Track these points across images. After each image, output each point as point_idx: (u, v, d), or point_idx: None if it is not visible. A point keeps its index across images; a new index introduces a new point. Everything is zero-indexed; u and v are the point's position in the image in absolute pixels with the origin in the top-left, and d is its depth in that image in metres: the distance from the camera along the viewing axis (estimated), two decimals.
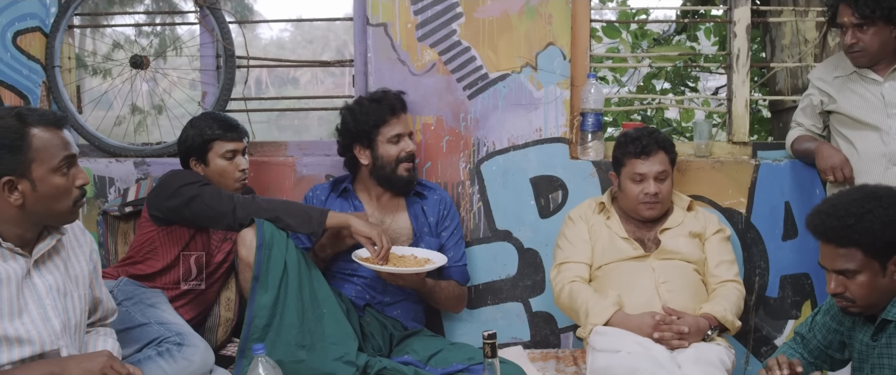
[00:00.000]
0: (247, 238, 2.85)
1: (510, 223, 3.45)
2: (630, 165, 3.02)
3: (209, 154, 3.03)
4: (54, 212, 2.16)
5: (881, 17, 2.93)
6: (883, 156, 2.96)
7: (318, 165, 3.51)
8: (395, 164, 3.13)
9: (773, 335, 3.46)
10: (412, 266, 2.94)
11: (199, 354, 2.67)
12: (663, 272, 2.96)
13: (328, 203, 3.20)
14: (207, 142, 3.03)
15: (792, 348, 2.53)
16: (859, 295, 2.20)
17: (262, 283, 2.79)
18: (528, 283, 3.45)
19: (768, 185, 3.40)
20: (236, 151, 3.06)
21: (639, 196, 3.01)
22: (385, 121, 3.11)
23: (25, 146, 2.07)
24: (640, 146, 3.01)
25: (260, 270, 2.79)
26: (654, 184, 3.00)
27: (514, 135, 3.42)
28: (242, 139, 3.09)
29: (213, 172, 3.04)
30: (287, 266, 2.82)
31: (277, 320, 2.78)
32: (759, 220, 3.41)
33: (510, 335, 3.46)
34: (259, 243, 2.80)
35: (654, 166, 3.00)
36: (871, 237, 2.13)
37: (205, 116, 3.11)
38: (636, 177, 3.01)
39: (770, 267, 3.43)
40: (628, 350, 2.69)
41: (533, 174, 3.43)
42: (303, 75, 20.92)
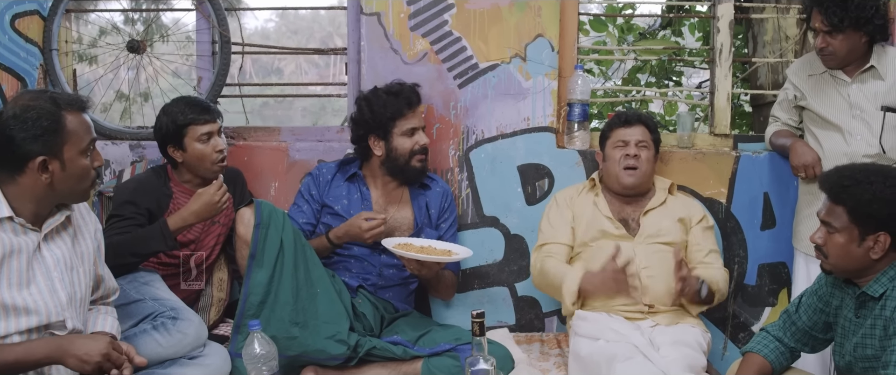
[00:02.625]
0: (245, 216, 2.92)
1: (498, 209, 3.52)
2: (614, 134, 3.18)
3: (185, 139, 3.04)
4: (76, 191, 2.26)
5: (850, 25, 2.99)
6: (845, 156, 3.00)
7: (310, 150, 3.57)
8: (409, 157, 3.18)
9: (751, 321, 3.56)
10: (441, 255, 2.99)
11: (193, 328, 2.73)
12: (644, 257, 3.05)
13: (333, 184, 3.25)
14: (182, 128, 3.03)
15: (779, 327, 2.62)
16: (832, 253, 2.35)
17: (259, 261, 2.86)
18: (514, 268, 3.53)
19: (748, 177, 3.48)
20: (212, 133, 3.06)
21: (620, 160, 3.13)
22: (402, 115, 3.16)
23: (61, 128, 2.16)
24: (624, 117, 3.22)
25: (256, 248, 2.86)
26: (635, 149, 3.14)
27: (503, 123, 3.49)
28: (216, 120, 3.10)
29: (191, 157, 3.05)
30: (283, 245, 2.89)
31: (272, 297, 2.85)
32: (738, 210, 3.49)
33: (496, 318, 3.54)
34: (257, 222, 2.87)
35: (635, 134, 3.17)
36: (858, 203, 2.28)
37: (176, 102, 3.10)
38: (619, 143, 3.16)
39: (748, 256, 3.51)
40: (607, 338, 2.78)
41: (520, 162, 3.50)
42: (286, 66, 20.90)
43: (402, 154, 3.18)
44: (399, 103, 3.16)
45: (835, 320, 2.51)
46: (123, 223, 2.96)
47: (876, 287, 2.33)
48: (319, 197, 3.23)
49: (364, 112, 3.18)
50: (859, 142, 3.04)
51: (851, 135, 3.06)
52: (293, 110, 16.45)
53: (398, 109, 3.15)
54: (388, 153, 3.20)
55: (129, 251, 2.87)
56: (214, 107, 3.16)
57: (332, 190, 3.25)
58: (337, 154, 3.49)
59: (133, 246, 2.88)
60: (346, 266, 3.20)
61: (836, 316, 2.50)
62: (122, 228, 2.94)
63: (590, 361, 2.77)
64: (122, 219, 2.97)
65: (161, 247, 2.89)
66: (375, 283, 3.21)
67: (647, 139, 3.19)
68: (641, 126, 3.20)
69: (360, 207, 3.21)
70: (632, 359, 2.63)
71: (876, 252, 2.30)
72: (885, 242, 2.29)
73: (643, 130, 3.19)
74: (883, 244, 2.29)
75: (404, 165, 3.20)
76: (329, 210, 3.22)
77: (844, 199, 2.31)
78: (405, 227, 3.26)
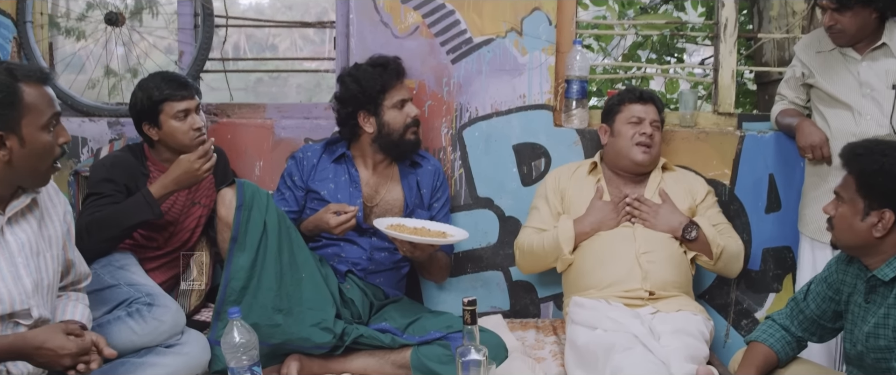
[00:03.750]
0: (227, 197, 2.79)
1: (492, 190, 3.40)
2: (628, 110, 3.07)
3: (161, 116, 2.90)
4: (37, 171, 2.11)
5: (858, 1, 2.86)
6: (854, 136, 2.88)
7: (297, 128, 3.43)
8: (403, 130, 3.05)
9: (755, 308, 3.45)
10: (435, 237, 2.86)
11: (169, 315, 2.61)
12: (645, 242, 2.93)
13: (319, 166, 3.11)
14: (157, 104, 2.89)
15: (785, 315, 2.52)
16: (837, 224, 2.33)
17: (240, 244, 2.74)
18: (509, 252, 3.40)
19: (753, 157, 3.37)
20: (189, 110, 2.93)
21: (634, 136, 3.03)
22: (391, 86, 3.04)
23: (17, 101, 2.01)
24: (639, 93, 3.12)
25: (238, 231, 2.74)
26: (650, 128, 3.04)
27: (498, 100, 3.37)
28: (194, 96, 2.96)
29: (167, 135, 2.92)
30: (266, 227, 2.76)
31: (255, 282, 2.73)
32: (742, 192, 3.38)
33: (490, 304, 3.43)
34: (238, 203, 2.75)
35: (650, 113, 3.07)
36: (862, 172, 2.25)
37: (152, 77, 2.97)
38: (634, 119, 3.06)
39: (752, 240, 3.40)
40: (604, 327, 2.66)
41: (516, 141, 3.38)
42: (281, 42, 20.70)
43: (396, 128, 3.05)
44: (387, 74, 3.03)
45: (845, 308, 2.41)
46: (103, 200, 2.83)
47: (887, 270, 2.25)
48: (303, 182, 3.10)
49: (350, 87, 3.04)
50: (869, 121, 2.92)
51: (861, 114, 2.94)
52: (288, 86, 16.26)
53: (387, 80, 3.03)
54: (379, 129, 3.06)
55: (115, 223, 2.76)
56: (192, 83, 3.03)
57: (317, 173, 3.11)
58: (325, 132, 3.35)
59: (118, 219, 2.76)
60: (334, 249, 3.07)
61: (846, 304, 2.40)
62: (103, 205, 2.82)
63: (587, 351, 2.64)
64: (101, 197, 2.84)
65: (147, 216, 2.77)
66: (365, 268, 3.08)
67: (658, 119, 3.11)
68: (654, 105, 3.11)
69: (347, 190, 3.07)
70: (631, 350, 2.50)
71: (879, 230, 2.23)
72: (889, 220, 2.22)
73: (655, 110, 3.11)
74: (887, 222, 2.22)
75: (398, 140, 3.06)
76: (315, 195, 3.08)
77: (853, 167, 2.28)
78: (396, 209, 3.13)
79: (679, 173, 3.17)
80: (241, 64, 3.93)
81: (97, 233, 2.73)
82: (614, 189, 3.07)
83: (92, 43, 3.56)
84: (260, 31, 17.38)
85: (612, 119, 3.12)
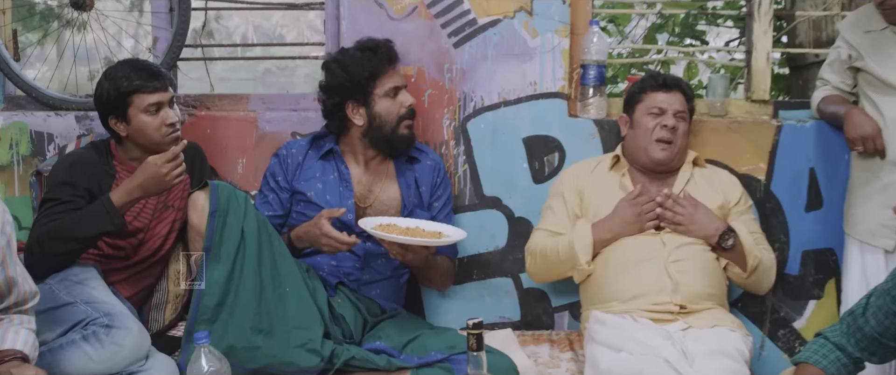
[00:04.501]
0: (198, 202, 2.47)
1: (500, 188, 3.09)
2: (649, 99, 2.75)
3: (129, 109, 2.59)
4: None
5: None
6: None
7: (283, 121, 3.12)
8: (397, 123, 2.75)
9: (793, 317, 3.12)
10: (431, 238, 2.55)
11: (130, 338, 2.29)
12: (675, 248, 2.60)
13: (305, 165, 2.79)
14: (126, 96, 2.58)
15: (840, 332, 2.18)
16: None
17: (215, 255, 2.42)
18: (519, 256, 3.07)
19: (791, 149, 3.04)
20: (161, 103, 2.62)
21: (654, 130, 2.71)
22: (383, 72, 2.73)
23: None
24: (662, 79, 2.80)
25: (212, 240, 2.42)
26: (673, 120, 2.71)
27: (506, 89, 3.05)
28: (167, 88, 2.66)
29: (136, 130, 2.62)
30: (244, 236, 2.45)
31: (231, 298, 2.41)
32: (779, 188, 3.05)
33: (498, 314, 3.12)
34: (212, 209, 2.43)
35: (674, 103, 2.74)
36: None
37: (121, 65, 2.66)
38: (655, 110, 2.73)
39: (791, 241, 3.08)
40: (630, 349, 2.32)
41: (526, 133, 3.07)
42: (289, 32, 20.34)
43: (388, 120, 2.74)
44: (377, 59, 2.72)
45: None
46: (60, 208, 2.52)
47: None
48: (288, 183, 2.78)
49: (337, 75, 2.72)
50: None
51: None
52: (296, 77, 15.91)
53: (378, 66, 2.71)
54: (370, 121, 2.75)
55: (71, 235, 2.45)
56: (166, 74, 2.71)
57: (303, 172, 2.79)
58: (314, 125, 3.03)
59: (74, 230, 2.45)
60: (323, 257, 2.74)
61: None
62: (59, 214, 2.50)
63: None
64: (59, 203, 2.53)
65: (107, 227, 2.46)
66: (359, 278, 2.76)
67: (685, 108, 2.76)
68: (680, 93, 2.76)
69: (337, 190, 2.74)
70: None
71: None
72: None
73: (682, 99, 2.76)
74: None
75: (390, 134, 2.75)
76: (301, 197, 2.76)
77: None
78: (392, 209, 2.81)
79: (710, 170, 2.84)
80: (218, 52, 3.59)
81: (51, 246, 2.42)
82: (639, 186, 2.73)
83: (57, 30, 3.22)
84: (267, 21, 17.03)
85: (633, 109, 2.80)
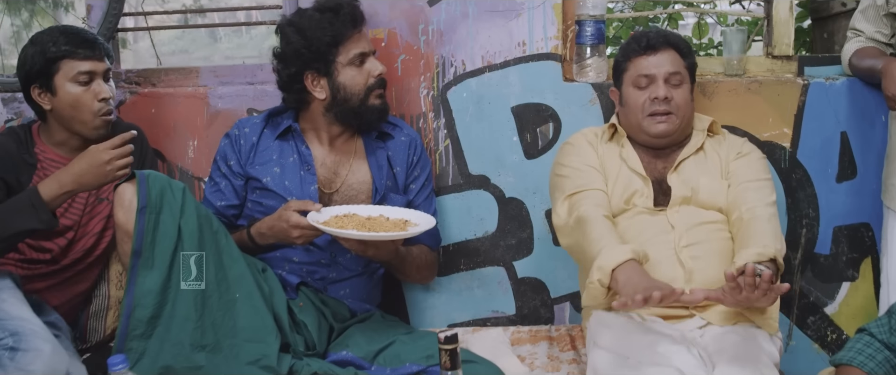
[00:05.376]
0: (125, 197, 2.10)
1: (487, 166, 2.74)
2: (633, 67, 2.33)
3: (56, 77, 2.29)
4: None
5: None
6: None
7: (238, 97, 2.75)
8: (365, 94, 2.37)
9: (824, 301, 2.77)
10: (390, 230, 2.18)
11: (40, 361, 1.95)
12: (686, 231, 2.22)
13: (261, 145, 2.42)
14: (52, 62, 2.29)
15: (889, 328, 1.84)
16: None
17: (146, 260, 2.06)
18: (512, 242, 2.75)
19: (819, 111, 2.68)
20: (94, 73, 2.32)
21: (644, 104, 2.30)
22: (346, 37, 2.35)
23: None
24: (645, 40, 2.34)
25: (143, 242, 2.05)
26: (665, 88, 2.28)
27: (490, 51, 2.69)
28: (103, 58, 2.35)
29: (63, 104, 2.30)
30: (182, 234, 2.09)
31: (168, 310, 2.06)
32: (806, 156, 2.70)
33: (490, 308, 2.77)
34: (141, 205, 2.06)
35: (663, 65, 2.30)
36: None
37: (50, 30, 2.37)
38: (641, 81, 2.31)
39: (820, 216, 2.73)
40: (639, 357, 1.95)
41: (515, 102, 2.71)
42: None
43: (355, 92, 2.37)
44: (340, 22, 2.33)
45: None
46: None
47: None
48: (241, 168, 2.41)
49: (293, 41, 2.34)
50: None
51: None
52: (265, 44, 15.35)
53: (340, 30, 2.33)
54: (334, 94, 2.38)
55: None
56: (101, 42, 2.38)
57: (258, 155, 2.43)
58: (273, 99, 2.64)
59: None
60: (283, 252, 2.38)
61: None
62: None
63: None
64: None
65: (32, 224, 2.12)
66: (325, 276, 2.40)
67: (681, 68, 2.32)
68: (670, 50, 2.32)
69: (298, 174, 2.38)
70: None
71: None
72: None
73: (674, 58, 2.32)
74: None
75: (359, 106, 2.38)
76: (256, 183, 2.40)
77: None
78: (362, 195, 2.45)
79: (723, 138, 2.43)
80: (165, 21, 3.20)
81: None
82: (644, 161, 2.35)
83: None
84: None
85: (620, 80, 2.39)
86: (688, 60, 2.36)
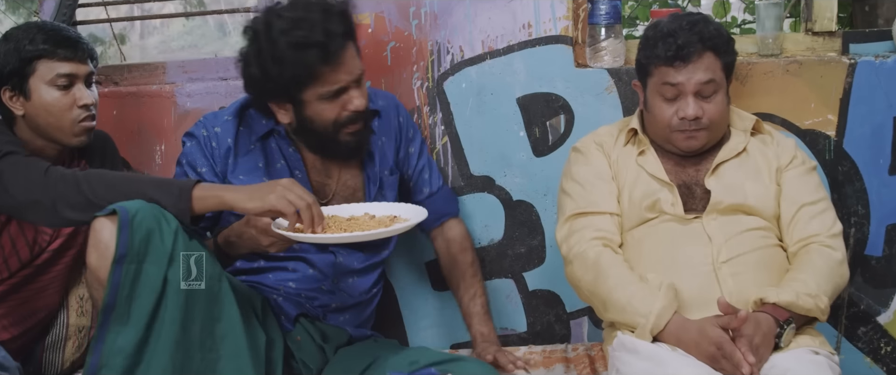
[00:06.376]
0: (101, 237, 1.73)
1: (491, 165, 2.50)
2: (659, 74, 2.00)
3: (31, 79, 2.08)
4: None
5: None
6: None
7: (209, 95, 2.51)
8: (333, 129, 2.03)
9: (876, 309, 2.50)
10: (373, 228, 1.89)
11: None
12: (726, 242, 1.95)
13: (240, 148, 2.11)
14: (28, 62, 2.07)
15: None
16: None
17: (120, 315, 1.73)
18: (521, 251, 2.51)
19: (868, 94, 2.42)
20: (75, 77, 2.10)
21: (671, 121, 1.99)
22: (315, 77, 1.96)
23: None
24: (673, 45, 1.97)
25: (117, 296, 1.72)
26: (695, 104, 1.97)
27: (492, 35, 2.45)
28: (86, 60, 2.13)
29: (38, 108, 2.08)
30: (167, 287, 1.76)
31: (141, 372, 1.74)
32: (855, 146, 2.45)
33: (498, 325, 2.51)
34: (120, 253, 1.71)
35: (695, 74, 1.96)
36: None
37: (28, 25, 2.15)
38: (667, 91, 1.99)
39: (871, 214, 2.48)
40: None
41: (521, 92, 2.47)
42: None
43: (323, 126, 2.02)
44: (309, 58, 1.92)
45: None
46: None
47: None
48: (217, 177, 2.10)
49: (254, 73, 1.99)
50: None
51: None
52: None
53: (309, 69, 1.94)
54: (300, 121, 2.04)
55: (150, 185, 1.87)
56: (86, 43, 2.16)
57: (240, 162, 2.10)
58: None
59: (151, 184, 1.89)
60: (278, 277, 2.12)
61: None
62: None
63: None
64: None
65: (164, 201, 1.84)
66: (326, 304, 2.14)
67: (716, 73, 1.99)
68: (706, 56, 1.97)
69: None
70: None
71: None
72: None
73: (709, 62, 1.97)
74: None
75: (328, 140, 2.05)
76: None
77: None
78: (360, 192, 2.19)
79: (769, 138, 2.13)
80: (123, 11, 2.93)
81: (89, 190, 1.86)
82: (670, 164, 2.07)
83: None
84: None
85: (644, 80, 2.09)
86: (726, 58, 2.01)
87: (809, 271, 1.91)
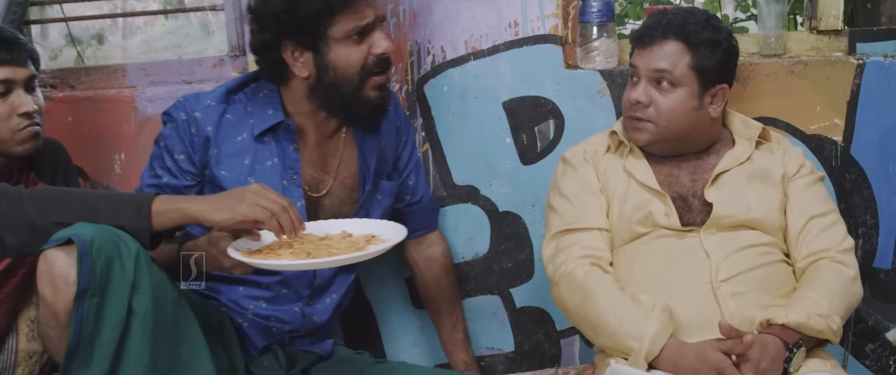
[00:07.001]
0: (57, 270, 1.55)
1: (476, 174, 2.37)
2: (633, 57, 1.96)
3: None
4: None
5: None
6: None
7: (171, 99, 2.26)
8: (360, 80, 1.87)
9: (886, 325, 2.40)
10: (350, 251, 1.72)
11: None
12: (726, 259, 1.82)
13: (222, 140, 1.91)
14: None
15: None
16: None
17: (84, 358, 1.55)
18: (508, 265, 2.38)
19: (878, 96, 2.33)
20: (12, 82, 1.94)
21: (625, 105, 1.95)
22: (346, 6, 1.82)
23: None
24: (643, 29, 1.94)
25: (79, 337, 1.54)
26: (646, 89, 1.88)
27: (476, 34, 2.33)
28: (25, 63, 1.96)
29: None
30: (132, 317, 1.59)
31: None
32: (863, 152, 2.35)
33: (484, 345, 2.40)
34: (82, 287, 1.53)
35: (651, 59, 1.88)
36: None
37: None
38: (633, 75, 1.95)
39: (880, 224, 2.39)
40: None
41: (508, 96, 2.35)
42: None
43: (348, 76, 1.86)
44: None
45: None
46: None
47: None
48: (194, 167, 1.91)
49: (273, 2, 1.83)
50: None
51: None
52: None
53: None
54: (320, 74, 1.86)
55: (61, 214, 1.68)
56: (25, 43, 1.99)
57: (223, 155, 1.91)
58: None
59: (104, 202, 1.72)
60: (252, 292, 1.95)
61: None
62: None
63: None
64: None
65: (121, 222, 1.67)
66: (296, 330, 1.98)
67: (680, 68, 1.86)
68: (671, 42, 1.87)
69: (278, 186, 1.90)
70: None
71: None
72: None
73: (673, 50, 1.87)
74: None
75: (352, 96, 1.88)
76: (218, 189, 1.90)
77: None
78: (356, 193, 2.02)
79: (776, 147, 2.01)
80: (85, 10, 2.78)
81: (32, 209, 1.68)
82: (663, 173, 1.95)
83: None
84: None
85: None
86: (701, 60, 1.87)
87: (820, 289, 1.78)
